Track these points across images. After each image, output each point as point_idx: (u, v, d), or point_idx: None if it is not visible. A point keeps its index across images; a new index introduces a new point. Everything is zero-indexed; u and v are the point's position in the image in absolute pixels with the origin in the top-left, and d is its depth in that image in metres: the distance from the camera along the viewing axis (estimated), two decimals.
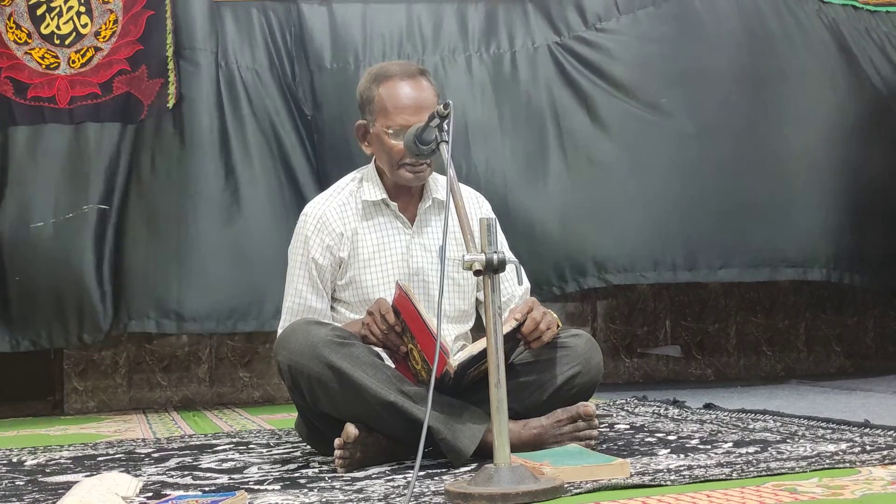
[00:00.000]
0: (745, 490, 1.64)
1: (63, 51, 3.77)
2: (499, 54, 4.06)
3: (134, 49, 3.81)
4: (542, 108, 4.02)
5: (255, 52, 3.94)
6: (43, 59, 3.75)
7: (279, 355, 2.16)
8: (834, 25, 4.15)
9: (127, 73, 3.80)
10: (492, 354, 1.73)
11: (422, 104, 2.26)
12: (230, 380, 4.29)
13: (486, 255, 1.73)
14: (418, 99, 2.29)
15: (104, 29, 3.79)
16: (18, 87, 3.73)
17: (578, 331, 2.39)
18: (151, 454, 2.56)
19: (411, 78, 2.32)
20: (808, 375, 4.41)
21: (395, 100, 2.29)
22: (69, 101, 3.75)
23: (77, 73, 3.75)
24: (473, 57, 4.04)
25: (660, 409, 2.98)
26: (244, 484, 1.98)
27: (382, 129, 2.30)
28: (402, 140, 2.23)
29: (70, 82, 3.77)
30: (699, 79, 3.99)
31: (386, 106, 2.29)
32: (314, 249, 2.34)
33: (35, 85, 3.74)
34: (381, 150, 2.34)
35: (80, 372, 4.18)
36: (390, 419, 2.09)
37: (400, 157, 2.28)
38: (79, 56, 3.76)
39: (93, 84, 3.77)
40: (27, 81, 3.74)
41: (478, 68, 4.03)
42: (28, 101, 3.72)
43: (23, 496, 1.96)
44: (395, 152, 2.29)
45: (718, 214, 3.90)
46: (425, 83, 2.33)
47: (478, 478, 1.70)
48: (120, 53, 3.80)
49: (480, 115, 3.97)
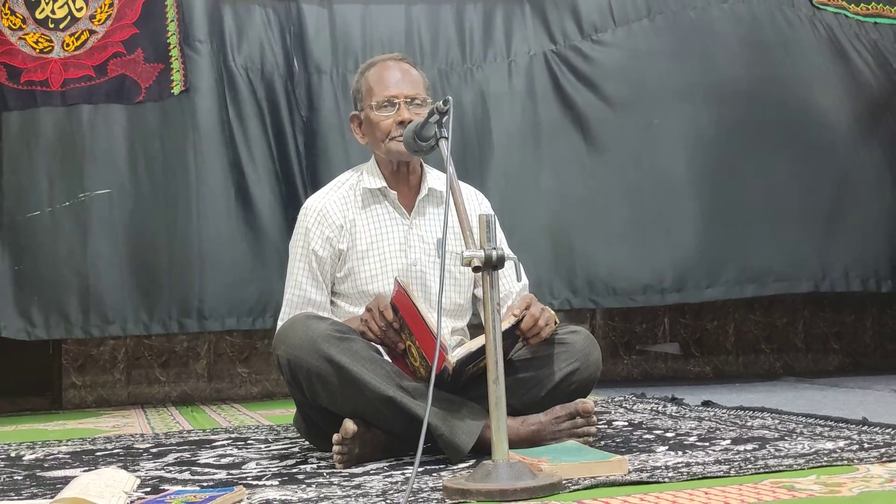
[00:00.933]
0: (742, 487, 1.64)
1: (57, 34, 3.76)
2: (495, 63, 4.06)
3: (129, 32, 3.80)
4: (538, 122, 4.02)
5: (254, 49, 3.94)
6: (37, 44, 3.74)
7: (278, 349, 2.16)
8: (829, 30, 4.16)
9: (122, 56, 3.79)
10: (490, 351, 1.73)
11: (403, 77, 2.36)
12: (228, 375, 4.29)
13: (485, 252, 1.73)
14: (401, 72, 2.38)
15: (99, 12, 3.78)
16: (12, 72, 3.72)
17: (577, 328, 2.39)
18: (150, 449, 2.56)
19: (394, 60, 2.43)
20: (806, 373, 4.42)
21: (377, 76, 2.39)
22: (62, 84, 3.74)
23: (71, 55, 3.74)
24: (471, 68, 4.05)
25: (658, 406, 2.98)
26: (242, 479, 1.98)
27: (369, 106, 2.36)
28: (388, 112, 2.32)
29: (63, 65, 3.75)
30: (693, 96, 3.98)
31: (371, 85, 2.38)
32: (314, 241, 2.35)
33: (28, 69, 3.72)
34: (370, 130, 2.37)
35: (79, 367, 4.18)
36: (389, 414, 2.09)
37: (387, 130, 2.32)
38: (73, 39, 3.75)
39: (87, 66, 3.76)
40: (20, 66, 3.73)
41: (479, 76, 4.04)
42: (21, 86, 3.71)
43: (21, 490, 1.96)
44: (383, 126, 2.33)
45: (707, 233, 3.91)
46: (407, 64, 2.42)
47: (476, 474, 1.70)
48: (115, 36, 3.79)
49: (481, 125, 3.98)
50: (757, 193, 3.94)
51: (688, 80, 3.99)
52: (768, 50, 4.05)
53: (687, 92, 3.97)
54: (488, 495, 1.63)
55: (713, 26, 4.05)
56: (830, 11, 4.21)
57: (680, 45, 4.03)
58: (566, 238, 3.92)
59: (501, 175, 3.96)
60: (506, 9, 4.11)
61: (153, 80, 3.80)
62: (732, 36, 4.05)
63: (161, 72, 3.81)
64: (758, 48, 4.05)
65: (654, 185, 3.93)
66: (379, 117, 2.34)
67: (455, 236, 2.38)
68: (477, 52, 4.06)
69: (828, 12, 4.21)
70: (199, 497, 1.67)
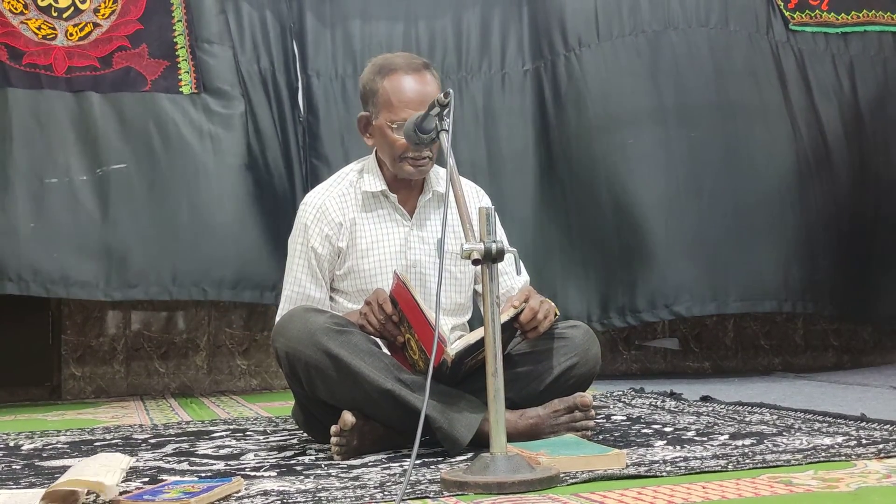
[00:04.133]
0: (740, 482, 1.64)
1: (60, 23, 3.74)
2: (490, 75, 4.07)
3: (134, 28, 3.80)
4: (525, 139, 4.04)
5: (259, 50, 3.94)
6: (39, 30, 3.71)
7: (277, 342, 2.16)
8: (799, 58, 4.15)
9: (127, 50, 3.79)
10: (489, 344, 1.73)
11: (426, 98, 2.21)
12: (228, 367, 4.30)
13: (484, 245, 1.73)
14: (423, 93, 2.26)
15: (103, 7, 3.77)
16: (13, 52, 3.69)
17: (577, 322, 2.39)
18: (148, 440, 2.56)
19: (416, 72, 2.30)
20: (805, 369, 4.42)
21: (399, 94, 2.28)
22: (66, 70, 3.72)
23: (75, 45, 3.73)
24: (466, 77, 4.06)
25: (657, 400, 2.98)
26: (240, 470, 1.98)
27: (386, 122, 2.29)
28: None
29: (67, 53, 3.73)
30: (668, 117, 3.97)
31: (390, 100, 2.28)
32: (313, 238, 2.34)
33: (31, 53, 3.70)
34: (383, 144, 2.33)
35: (78, 358, 4.19)
36: (387, 407, 2.09)
37: (402, 151, 2.28)
38: (77, 29, 3.74)
39: (91, 57, 3.75)
40: (23, 49, 3.70)
41: (474, 87, 4.05)
42: (23, 67, 3.68)
43: (19, 480, 1.97)
44: (398, 146, 2.28)
45: (677, 253, 3.91)
46: (429, 77, 2.32)
47: (474, 466, 1.70)
48: (120, 31, 3.78)
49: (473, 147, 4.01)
50: (726, 215, 3.95)
51: (661, 103, 3.98)
52: (738, 79, 4.04)
53: (662, 114, 3.97)
54: (486, 488, 1.63)
55: (691, 50, 4.04)
56: (809, 32, 4.21)
57: (654, 66, 4.02)
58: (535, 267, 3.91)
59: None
60: (502, 18, 4.11)
61: (159, 75, 3.80)
62: (710, 61, 4.04)
63: (167, 69, 3.80)
64: (728, 75, 4.03)
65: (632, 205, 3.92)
66: (395, 137, 2.28)
67: (456, 237, 2.37)
68: (472, 63, 4.07)
69: (806, 34, 4.21)
70: (197, 487, 1.67)
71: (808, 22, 4.21)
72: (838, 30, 4.25)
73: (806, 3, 4.24)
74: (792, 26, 4.19)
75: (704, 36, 4.05)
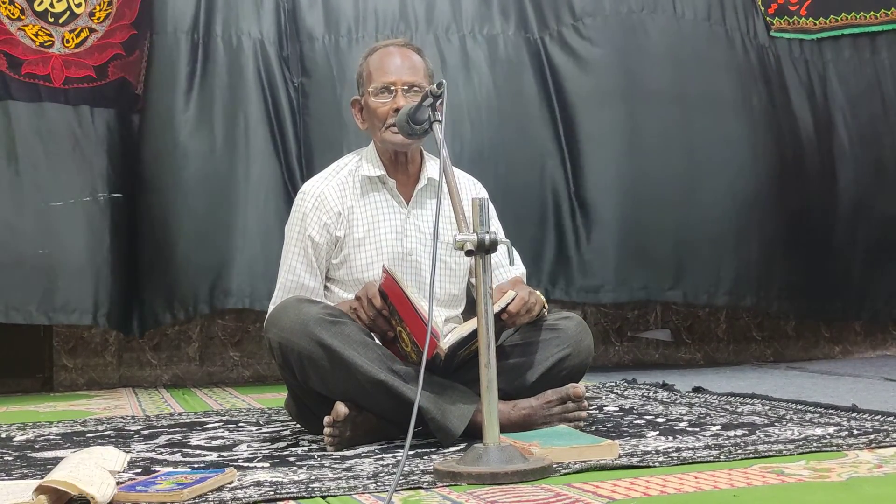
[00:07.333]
0: (732, 472, 1.65)
1: (57, 29, 3.73)
2: (492, 35, 4.05)
3: (129, 33, 3.80)
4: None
5: (251, 23, 3.92)
6: (37, 37, 3.71)
7: (270, 332, 2.16)
8: (776, 62, 4.16)
9: (122, 58, 3.79)
10: (482, 335, 1.73)
11: (403, 63, 2.31)
12: (220, 359, 4.29)
13: (477, 236, 1.73)
14: (401, 58, 2.33)
15: (98, 10, 3.76)
16: (12, 61, 3.69)
17: (569, 314, 2.39)
18: (141, 431, 2.56)
19: (397, 46, 2.39)
20: (796, 360, 4.43)
21: (378, 62, 2.35)
22: (64, 81, 3.72)
23: (72, 53, 3.72)
24: (467, 37, 4.03)
25: (649, 392, 2.98)
26: (233, 461, 1.98)
27: (367, 92, 2.33)
28: (385, 98, 2.28)
29: (65, 62, 3.73)
30: (635, 98, 3.99)
31: (371, 70, 2.35)
32: (311, 227, 2.34)
33: (29, 62, 3.70)
34: (369, 117, 2.35)
35: (70, 349, 4.17)
36: (380, 398, 2.09)
37: (384, 118, 2.29)
38: (73, 36, 3.73)
39: (88, 66, 3.75)
40: (21, 57, 3.70)
41: (472, 48, 4.03)
42: (22, 77, 3.68)
43: (11, 471, 1.96)
44: (380, 113, 2.30)
45: (647, 244, 3.95)
46: (412, 52, 2.38)
47: (467, 457, 1.71)
48: (115, 37, 3.78)
49: (475, 93, 3.98)
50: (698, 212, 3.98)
51: (628, 83, 3.99)
52: (715, 70, 4.05)
53: (630, 94, 3.98)
54: (479, 478, 1.63)
55: (686, 41, 4.05)
56: (786, 39, 4.22)
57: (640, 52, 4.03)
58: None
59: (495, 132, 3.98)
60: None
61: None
62: (706, 53, 4.05)
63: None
64: (700, 66, 4.05)
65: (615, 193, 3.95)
66: (376, 103, 2.31)
67: (453, 226, 2.37)
68: (473, 25, 4.05)
69: (783, 40, 4.22)
70: (190, 478, 1.67)
71: (786, 28, 4.23)
72: (815, 35, 4.27)
73: (785, 8, 4.26)
74: (772, 33, 4.21)
75: (706, 30, 4.07)
